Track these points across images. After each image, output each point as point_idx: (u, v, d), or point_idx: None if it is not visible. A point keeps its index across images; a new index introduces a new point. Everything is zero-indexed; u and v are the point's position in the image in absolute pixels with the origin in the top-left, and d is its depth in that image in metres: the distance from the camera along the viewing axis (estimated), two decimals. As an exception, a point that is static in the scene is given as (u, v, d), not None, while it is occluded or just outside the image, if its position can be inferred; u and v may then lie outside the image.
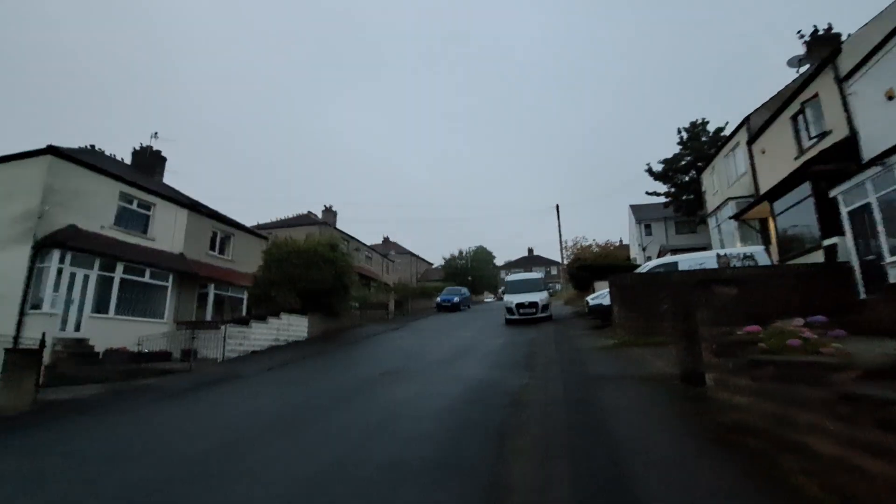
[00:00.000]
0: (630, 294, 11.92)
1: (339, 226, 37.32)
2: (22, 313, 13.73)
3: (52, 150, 14.92)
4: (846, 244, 10.93)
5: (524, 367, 9.19)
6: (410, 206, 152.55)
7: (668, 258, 15.00)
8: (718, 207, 21.32)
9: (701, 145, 31.23)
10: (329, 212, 36.35)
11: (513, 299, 18.20)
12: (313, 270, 16.75)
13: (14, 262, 14.07)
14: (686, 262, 13.18)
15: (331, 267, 17.49)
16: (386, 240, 55.61)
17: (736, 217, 17.86)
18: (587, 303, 16.08)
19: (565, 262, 25.34)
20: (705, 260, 13.10)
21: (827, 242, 11.69)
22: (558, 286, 56.38)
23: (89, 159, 16.54)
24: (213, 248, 21.64)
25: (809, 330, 4.04)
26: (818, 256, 12.16)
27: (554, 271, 64.96)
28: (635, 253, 40.06)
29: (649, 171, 33.94)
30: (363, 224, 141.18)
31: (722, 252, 13.72)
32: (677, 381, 6.60)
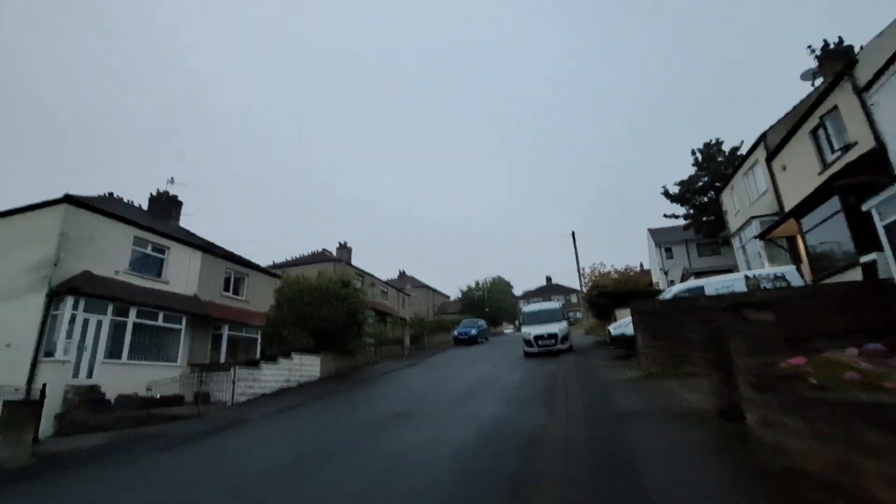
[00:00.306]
0: (654, 322, 11.23)
1: (354, 262, 37.33)
2: (35, 361, 13.66)
3: (67, 199, 15.25)
4: (886, 260, 10.17)
5: (543, 404, 8.56)
6: (425, 239, 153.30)
7: (693, 282, 14.28)
8: (742, 227, 20.55)
9: (717, 165, 30.67)
10: (343, 248, 36.44)
11: (531, 331, 17.53)
12: (325, 308, 16.47)
13: (29, 310, 14.15)
14: (712, 285, 12.48)
15: (343, 304, 17.20)
16: (402, 274, 55.42)
17: (761, 236, 17.09)
18: (608, 332, 15.34)
19: (584, 289, 24.59)
20: (732, 283, 12.37)
21: (865, 259, 10.93)
22: (578, 314, 55.01)
23: (105, 206, 16.86)
24: (227, 288, 21.61)
25: (865, 359, 3.49)
26: (855, 274, 11.35)
27: (573, 299, 63.57)
28: (657, 278, 38.90)
29: (665, 193, 33.37)
30: (378, 259, 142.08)
31: (750, 273, 12.98)
32: (713, 417, 5.96)
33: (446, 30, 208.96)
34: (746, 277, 12.46)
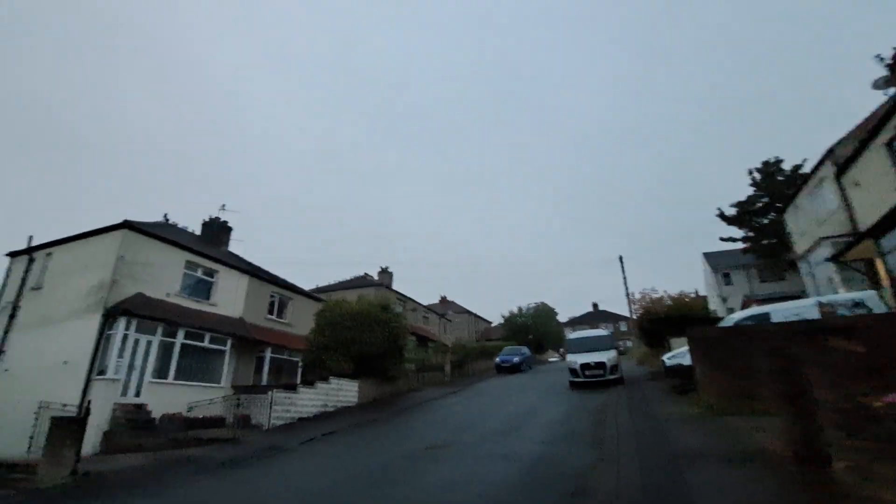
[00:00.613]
0: (715, 350, 10.20)
1: (395, 286, 37.46)
2: (88, 379, 14.25)
3: (126, 225, 16.15)
4: None
5: (592, 442, 7.80)
6: (467, 265, 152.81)
7: (757, 309, 13.01)
8: (809, 250, 18.84)
9: (778, 185, 28.80)
10: (385, 273, 36.68)
11: (577, 359, 16.55)
12: (366, 333, 16.31)
13: (85, 330, 14.88)
14: (780, 312, 11.28)
15: (383, 329, 17.00)
16: (443, 299, 55.03)
17: (834, 259, 15.50)
18: (663, 362, 14.19)
19: (634, 316, 23.19)
20: (803, 310, 11.11)
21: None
22: (628, 343, 52.31)
23: (160, 232, 17.75)
24: (271, 312, 22.07)
25: None
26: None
27: (623, 327, 60.65)
28: (714, 305, 36.43)
29: (721, 215, 31.55)
30: (420, 284, 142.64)
31: (824, 300, 11.65)
32: (788, 461, 5.12)
33: (490, 58, 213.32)
34: (820, 304, 11.18)
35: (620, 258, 32.87)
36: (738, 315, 12.39)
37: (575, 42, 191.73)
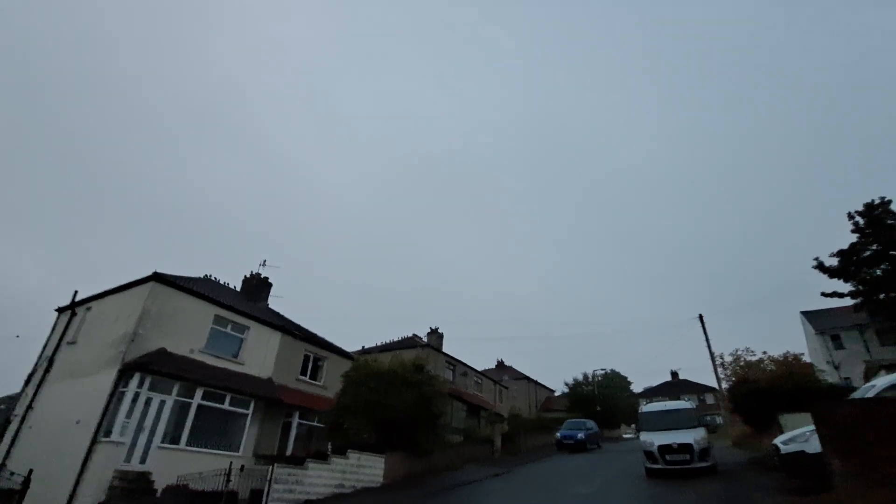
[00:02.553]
0: (860, 434, 6.97)
1: (447, 349, 35.03)
2: (94, 440, 13.10)
3: (155, 277, 15.69)
4: None
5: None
6: (528, 327, 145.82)
7: (907, 375, 9.39)
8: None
9: (888, 230, 24.08)
10: (434, 334, 34.48)
11: (653, 439, 13.07)
12: (391, 395, 14.11)
13: (100, 386, 14.00)
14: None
15: (413, 391, 14.71)
16: (500, 363, 51.28)
17: None
18: (776, 448, 10.57)
19: (724, 385, 18.96)
20: None
21: None
22: (718, 419, 45.09)
23: (194, 286, 17.20)
24: (304, 372, 20.55)
25: None
26: None
27: (709, 399, 52.70)
28: (819, 371, 30.37)
29: (820, 266, 26.71)
30: (475, 345, 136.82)
31: None
32: None
33: (541, 113, 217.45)
34: None
35: (700, 317, 28.59)
36: (884, 382, 8.89)
37: (638, 91, 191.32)
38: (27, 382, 17.37)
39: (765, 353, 15.22)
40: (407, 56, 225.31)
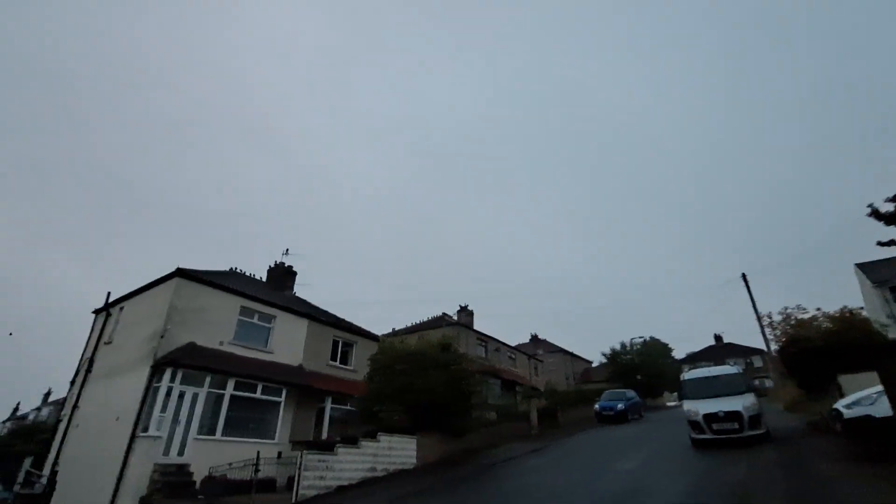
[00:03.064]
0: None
1: (479, 326, 34.67)
2: (133, 436, 13.39)
3: (179, 273, 15.76)
4: None
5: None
6: (560, 299, 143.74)
7: None
8: None
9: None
10: (464, 311, 34.13)
11: (698, 408, 12.22)
12: (420, 378, 13.76)
13: (136, 383, 14.27)
14: None
15: (442, 372, 14.31)
16: (534, 337, 50.62)
17: None
18: (837, 413, 9.61)
19: (773, 346, 17.67)
20: None
21: None
22: (767, 383, 43.29)
23: (219, 279, 17.24)
24: (333, 357, 20.56)
25: None
26: None
27: (757, 362, 50.55)
28: (882, 327, 28.16)
29: (874, 213, 24.45)
30: (508, 322, 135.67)
31: None
32: None
33: (567, 81, 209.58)
34: None
35: (744, 276, 27.00)
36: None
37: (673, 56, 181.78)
38: (72, 383, 18.04)
39: (818, 309, 13.93)
40: (420, 36, 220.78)
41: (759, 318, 21.77)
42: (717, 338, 58.66)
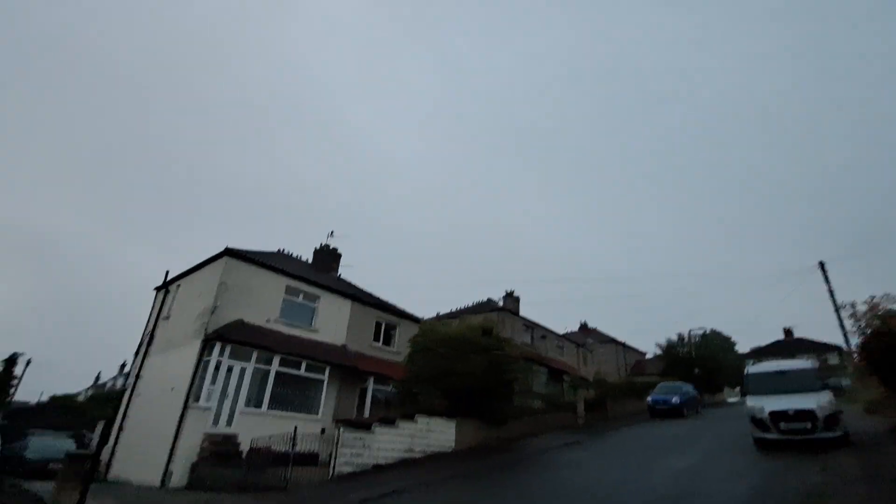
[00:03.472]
0: None
1: (527, 312, 33.90)
2: (185, 406, 14.05)
3: (228, 252, 16.26)
4: None
5: None
6: (616, 287, 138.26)
7: None
8: None
9: None
10: (510, 297, 33.42)
11: (763, 405, 11.05)
12: (460, 362, 13.44)
13: (188, 356, 14.94)
14: None
15: (483, 356, 13.91)
16: (584, 326, 48.99)
17: None
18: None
19: (854, 340, 15.75)
20: None
21: None
22: (844, 382, 39.60)
23: (266, 259, 17.69)
24: (376, 338, 20.69)
25: None
26: None
27: (832, 359, 46.29)
28: None
29: None
30: (557, 309, 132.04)
31: None
32: None
33: (612, 58, 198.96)
34: None
35: (822, 264, 24.38)
36: None
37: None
38: (136, 355, 19.32)
39: (917, 296, 12.12)
40: (468, 22, 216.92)
41: (836, 309, 19.59)
42: (787, 332, 54.20)
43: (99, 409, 26.77)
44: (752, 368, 13.18)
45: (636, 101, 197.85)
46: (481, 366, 13.80)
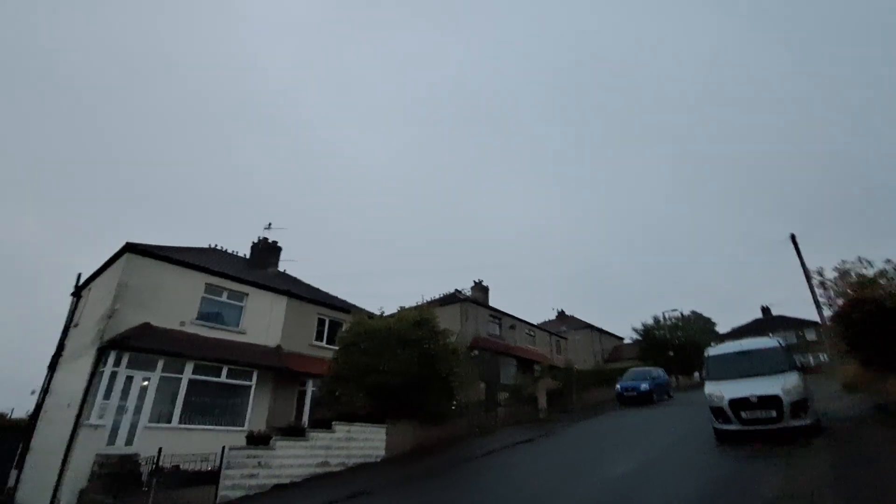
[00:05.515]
0: None
1: (502, 304, 32.48)
2: (76, 424, 12.20)
3: (129, 248, 14.38)
4: None
5: None
6: (592, 274, 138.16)
7: None
8: None
9: None
10: (479, 287, 31.91)
11: (723, 391, 9.60)
12: (384, 358, 11.83)
13: (83, 368, 13.10)
14: None
15: (413, 350, 12.32)
16: (561, 314, 47.79)
17: None
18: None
19: (828, 311, 14.47)
20: None
21: None
22: (822, 357, 39.04)
23: (177, 255, 15.78)
24: (319, 337, 18.97)
25: None
26: None
27: (811, 335, 45.82)
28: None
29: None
30: (536, 298, 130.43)
31: None
32: None
33: (582, 35, 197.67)
34: None
35: (793, 237, 23.30)
36: None
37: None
38: (49, 368, 17.32)
39: (889, 261, 10.80)
40: (421, 8, 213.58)
41: (808, 277, 18.44)
42: (765, 310, 53.77)
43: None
44: (713, 350, 11.75)
45: (604, 83, 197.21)
46: (410, 360, 12.22)
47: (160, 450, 9.91)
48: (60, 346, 16.51)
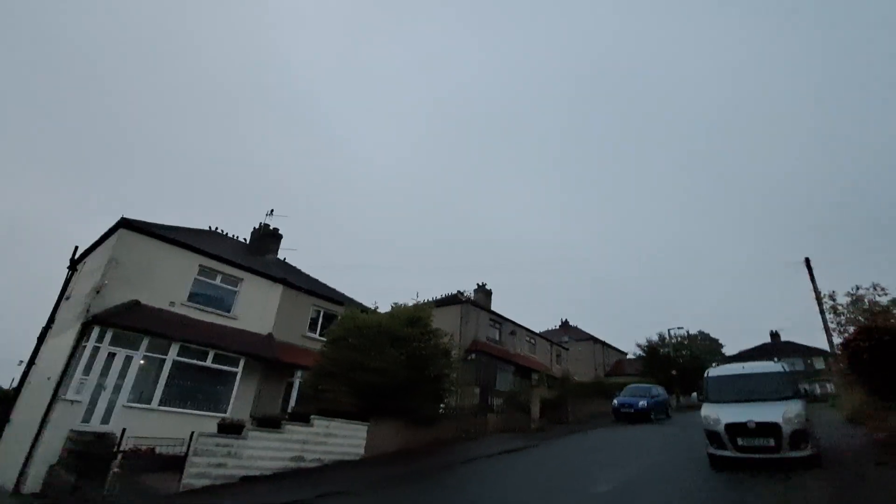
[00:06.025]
0: None
1: (504, 309, 31.89)
2: (53, 399, 11.98)
3: (124, 224, 14.18)
4: None
5: None
6: (599, 287, 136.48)
7: None
8: None
9: None
10: (481, 290, 31.42)
11: (720, 415, 9.06)
12: (372, 356, 11.43)
13: (66, 342, 12.90)
14: None
15: (402, 349, 11.91)
16: (565, 323, 47.09)
17: None
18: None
19: (838, 339, 13.75)
20: None
21: None
22: (828, 386, 37.85)
23: (173, 235, 15.57)
24: (313, 328, 18.65)
25: None
26: None
27: (819, 364, 44.52)
28: None
29: None
30: (541, 307, 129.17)
31: None
32: None
33: (600, 50, 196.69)
34: None
35: (807, 260, 22.52)
36: None
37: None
38: (38, 339, 17.19)
39: (906, 292, 10.18)
40: (444, 11, 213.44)
41: (819, 301, 17.72)
42: (774, 335, 52.50)
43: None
44: (713, 371, 11.18)
45: (627, 99, 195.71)
46: (399, 359, 11.81)
47: (124, 430, 9.60)
48: (51, 319, 16.36)
